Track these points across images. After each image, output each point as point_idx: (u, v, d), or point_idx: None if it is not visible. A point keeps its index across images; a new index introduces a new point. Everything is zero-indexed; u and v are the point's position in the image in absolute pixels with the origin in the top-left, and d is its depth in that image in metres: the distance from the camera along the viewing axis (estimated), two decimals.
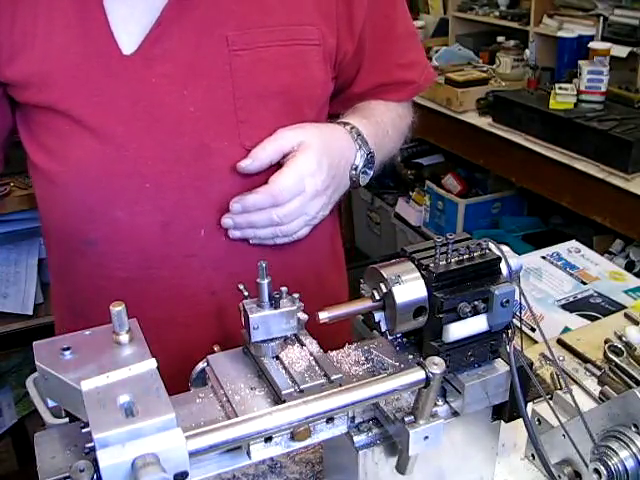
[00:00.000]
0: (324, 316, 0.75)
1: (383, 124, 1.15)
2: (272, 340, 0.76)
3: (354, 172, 1.08)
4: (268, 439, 0.70)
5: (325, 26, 1.04)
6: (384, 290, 0.76)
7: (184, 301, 1.07)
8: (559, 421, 0.82)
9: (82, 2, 0.96)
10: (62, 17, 0.96)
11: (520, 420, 0.81)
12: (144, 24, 0.97)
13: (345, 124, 1.09)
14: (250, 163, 0.99)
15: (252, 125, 1.01)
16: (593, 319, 1.33)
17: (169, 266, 1.05)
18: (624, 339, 1.14)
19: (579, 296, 1.43)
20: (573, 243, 1.63)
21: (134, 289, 1.05)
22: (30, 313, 2.39)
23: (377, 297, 0.77)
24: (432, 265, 0.76)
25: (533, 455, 0.92)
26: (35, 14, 0.96)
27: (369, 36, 1.12)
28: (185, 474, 0.60)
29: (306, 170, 0.99)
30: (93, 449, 0.57)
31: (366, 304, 0.78)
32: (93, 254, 1.06)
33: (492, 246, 0.79)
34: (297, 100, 1.05)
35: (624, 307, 1.33)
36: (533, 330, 1.20)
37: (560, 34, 2.85)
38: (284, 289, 0.76)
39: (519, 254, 0.88)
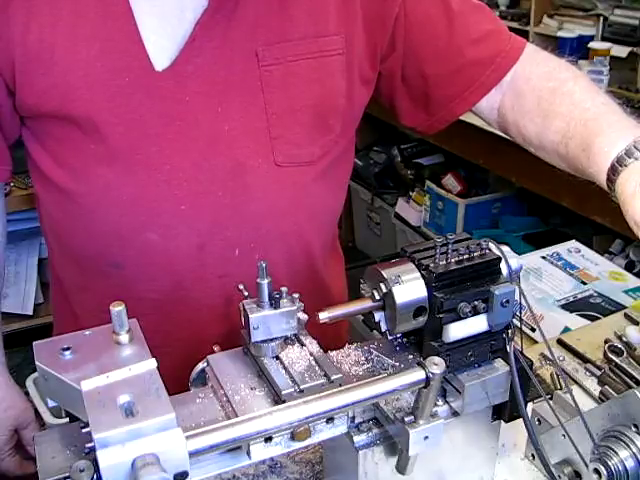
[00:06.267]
0: (324, 316, 0.75)
1: (608, 106, 1.01)
2: (272, 340, 0.76)
3: None
4: (268, 439, 0.70)
5: (349, 32, 1.01)
6: (384, 290, 0.76)
7: (215, 320, 1.03)
8: (559, 421, 0.82)
9: (110, 12, 0.91)
10: (87, 27, 0.91)
11: (520, 420, 0.81)
12: (176, 39, 0.93)
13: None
14: None
15: (285, 141, 1.00)
16: (593, 319, 1.33)
17: (202, 287, 1.02)
18: (624, 339, 1.14)
19: (579, 296, 1.43)
20: (573, 243, 1.63)
21: (163, 310, 1.02)
22: (30, 313, 2.40)
23: (377, 297, 0.77)
24: (432, 265, 0.76)
25: (533, 455, 0.92)
26: (55, 22, 0.90)
27: (418, 25, 1.05)
28: (185, 474, 0.60)
29: None
30: (93, 449, 0.57)
31: (366, 304, 0.78)
32: (118, 276, 1.01)
33: (492, 246, 0.79)
34: (324, 112, 1.02)
35: (624, 307, 1.33)
36: (533, 330, 1.20)
37: (560, 34, 2.85)
38: (284, 289, 0.76)
39: (519, 254, 0.88)
